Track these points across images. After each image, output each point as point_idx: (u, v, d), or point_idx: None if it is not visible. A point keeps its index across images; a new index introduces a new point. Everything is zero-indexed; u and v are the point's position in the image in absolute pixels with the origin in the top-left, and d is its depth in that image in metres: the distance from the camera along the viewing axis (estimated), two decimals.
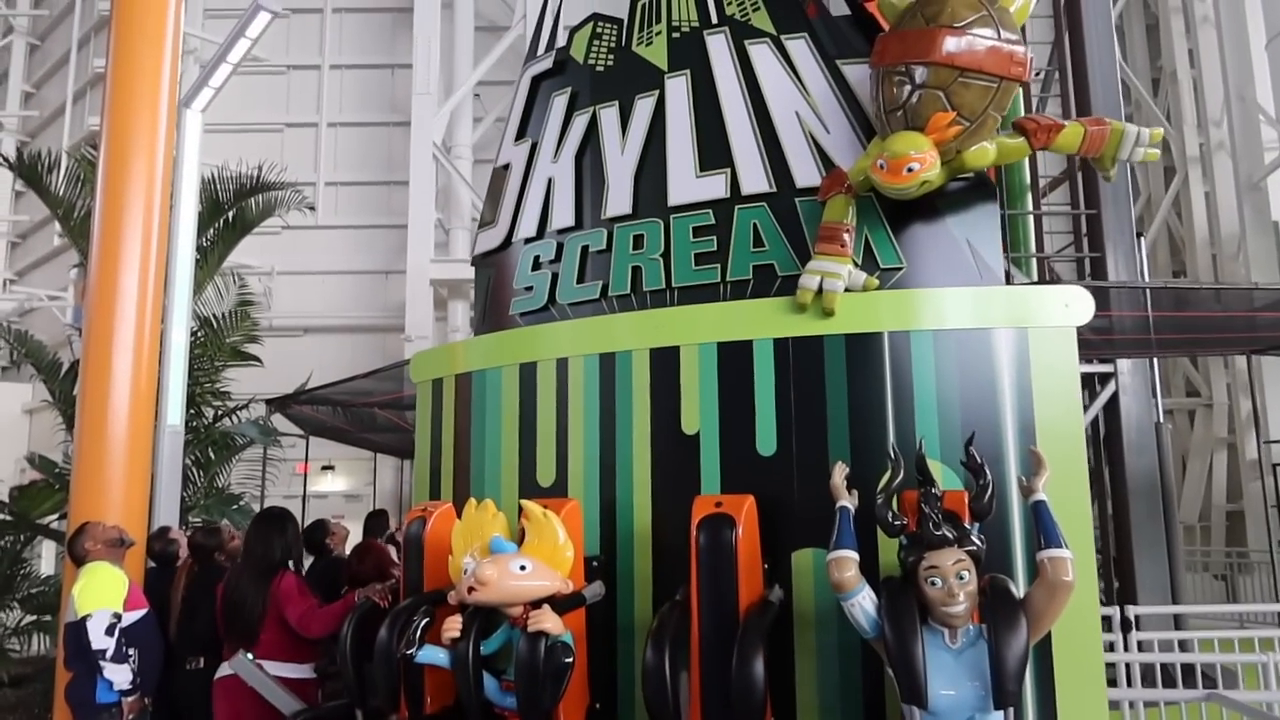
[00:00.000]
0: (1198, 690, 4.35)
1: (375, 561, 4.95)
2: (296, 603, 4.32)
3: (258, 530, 4.67)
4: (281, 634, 4.37)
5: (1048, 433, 3.47)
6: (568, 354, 4.06)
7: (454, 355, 4.64)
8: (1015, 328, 3.57)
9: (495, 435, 4.27)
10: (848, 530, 3.02)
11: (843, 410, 3.59)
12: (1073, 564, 2.83)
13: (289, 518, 4.78)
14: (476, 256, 4.89)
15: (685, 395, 3.78)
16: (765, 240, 3.92)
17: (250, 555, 4.59)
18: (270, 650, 4.39)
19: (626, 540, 3.80)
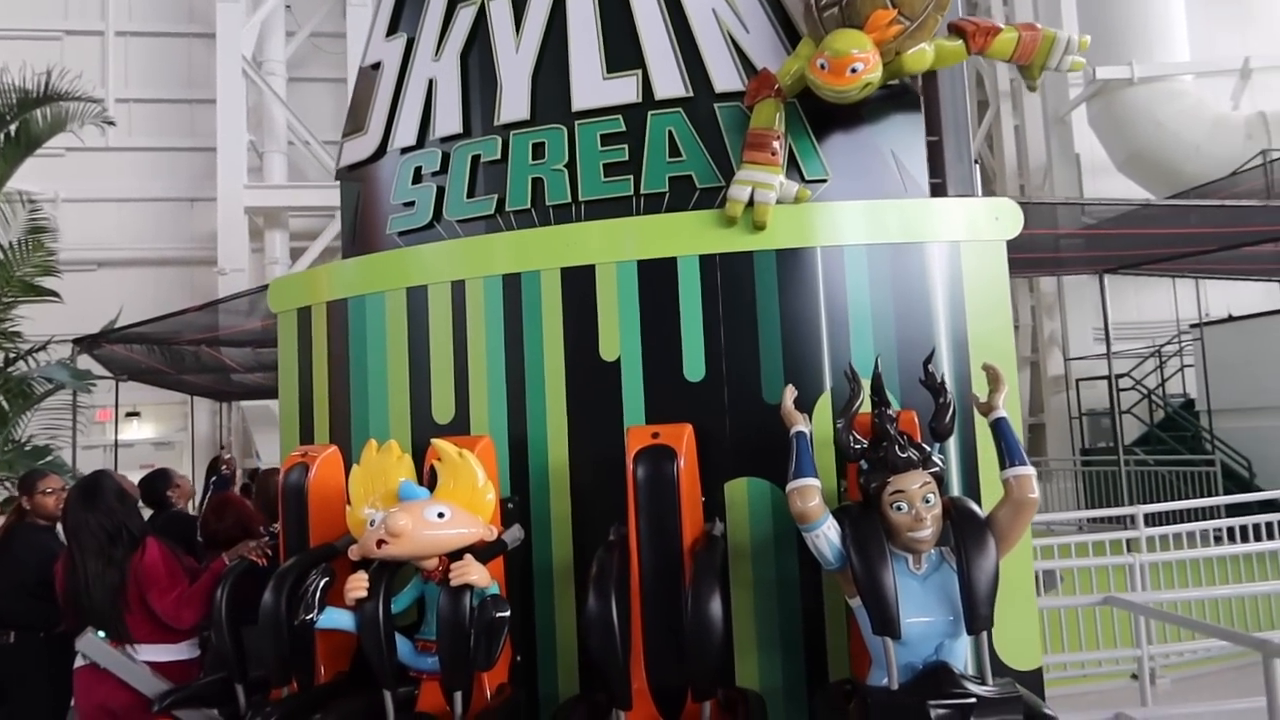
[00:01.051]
0: (1093, 595, 4.51)
1: (237, 517, 4.39)
2: (164, 588, 3.70)
3: (84, 504, 3.86)
4: (148, 615, 3.76)
5: (980, 348, 3.38)
6: (464, 276, 3.63)
7: (323, 280, 4.10)
8: (947, 241, 3.44)
9: (379, 369, 3.80)
10: (807, 457, 2.82)
11: (775, 330, 3.37)
12: (1036, 480, 2.75)
13: (111, 483, 3.98)
14: (342, 169, 4.33)
15: (603, 319, 3.45)
16: (682, 149, 3.61)
17: (83, 535, 3.82)
18: (139, 634, 3.77)
19: (541, 479, 3.47)
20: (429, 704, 3.06)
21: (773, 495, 3.32)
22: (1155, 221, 6.09)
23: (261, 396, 14.66)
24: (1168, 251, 7.59)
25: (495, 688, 3.07)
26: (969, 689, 2.54)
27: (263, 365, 11.39)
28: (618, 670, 2.77)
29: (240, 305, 8.37)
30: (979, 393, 2.96)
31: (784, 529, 3.31)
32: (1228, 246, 7.23)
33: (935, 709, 2.51)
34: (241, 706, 3.34)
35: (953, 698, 2.53)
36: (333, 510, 3.49)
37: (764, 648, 3.26)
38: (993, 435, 2.84)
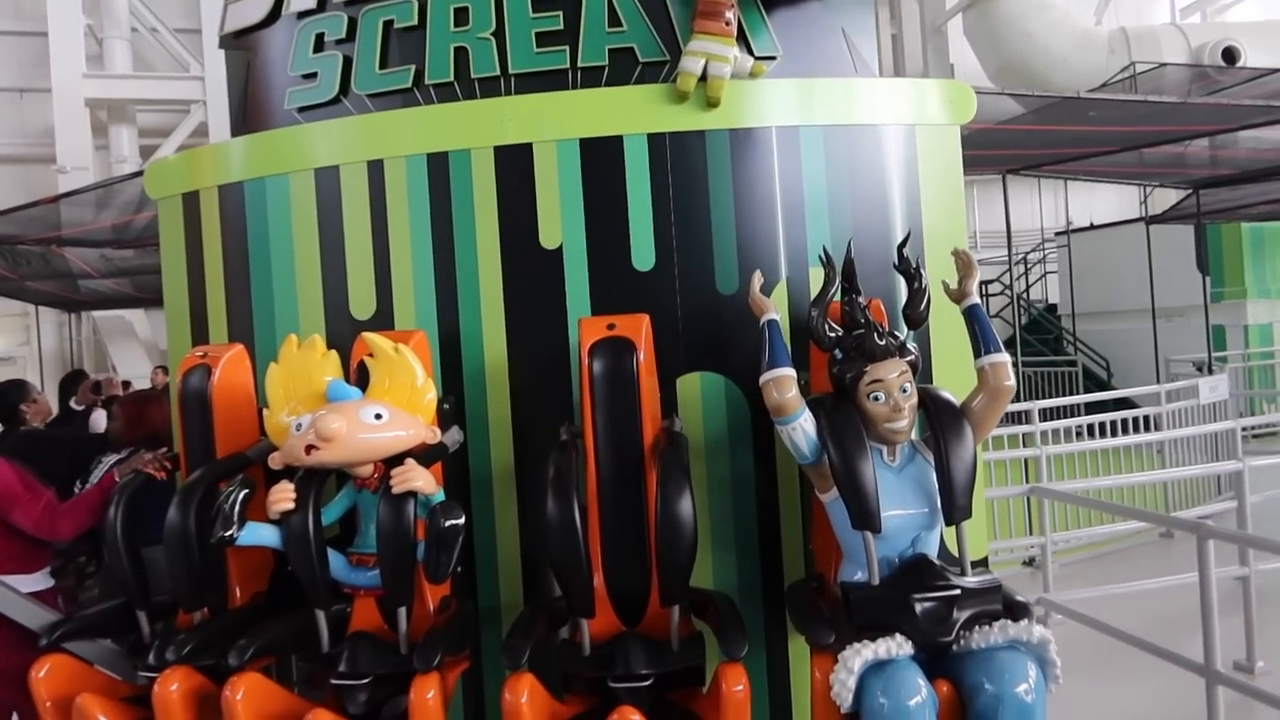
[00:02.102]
0: (1022, 485, 4.60)
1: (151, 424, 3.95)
2: (25, 501, 3.24)
3: None
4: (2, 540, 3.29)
5: (934, 237, 3.27)
6: (382, 155, 3.26)
7: (212, 162, 3.63)
8: (904, 125, 3.29)
9: (285, 261, 3.40)
10: (780, 345, 2.65)
11: (728, 215, 3.16)
12: (1011, 368, 2.67)
13: None
14: (227, 36, 3.81)
15: (543, 203, 3.16)
16: (623, 18, 3.30)
17: None
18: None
19: (476, 377, 3.20)
20: (364, 621, 2.81)
21: (727, 390, 3.16)
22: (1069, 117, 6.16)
23: (116, 306, 13.54)
24: (1075, 151, 7.75)
25: (439, 601, 2.84)
26: (951, 580, 2.47)
27: (118, 271, 10.45)
28: (581, 577, 2.58)
29: (87, 200, 7.56)
30: (949, 280, 2.84)
31: (739, 425, 3.17)
32: (1130, 147, 7.41)
33: (920, 602, 2.44)
34: (145, 634, 3.00)
35: (936, 590, 2.45)
36: (240, 416, 3.15)
37: (719, 547, 3.13)
38: (966, 323, 2.74)
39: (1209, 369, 10.09)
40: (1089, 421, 7.25)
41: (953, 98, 3.35)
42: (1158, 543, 7.10)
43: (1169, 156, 8.10)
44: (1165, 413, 7.51)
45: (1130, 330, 12.20)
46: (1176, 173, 9.38)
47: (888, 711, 2.29)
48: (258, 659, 2.71)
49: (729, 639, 2.48)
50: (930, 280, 2.85)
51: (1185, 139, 7.28)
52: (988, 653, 2.39)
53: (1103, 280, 13.02)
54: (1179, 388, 7.96)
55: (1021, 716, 2.27)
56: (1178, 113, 6.39)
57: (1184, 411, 7.62)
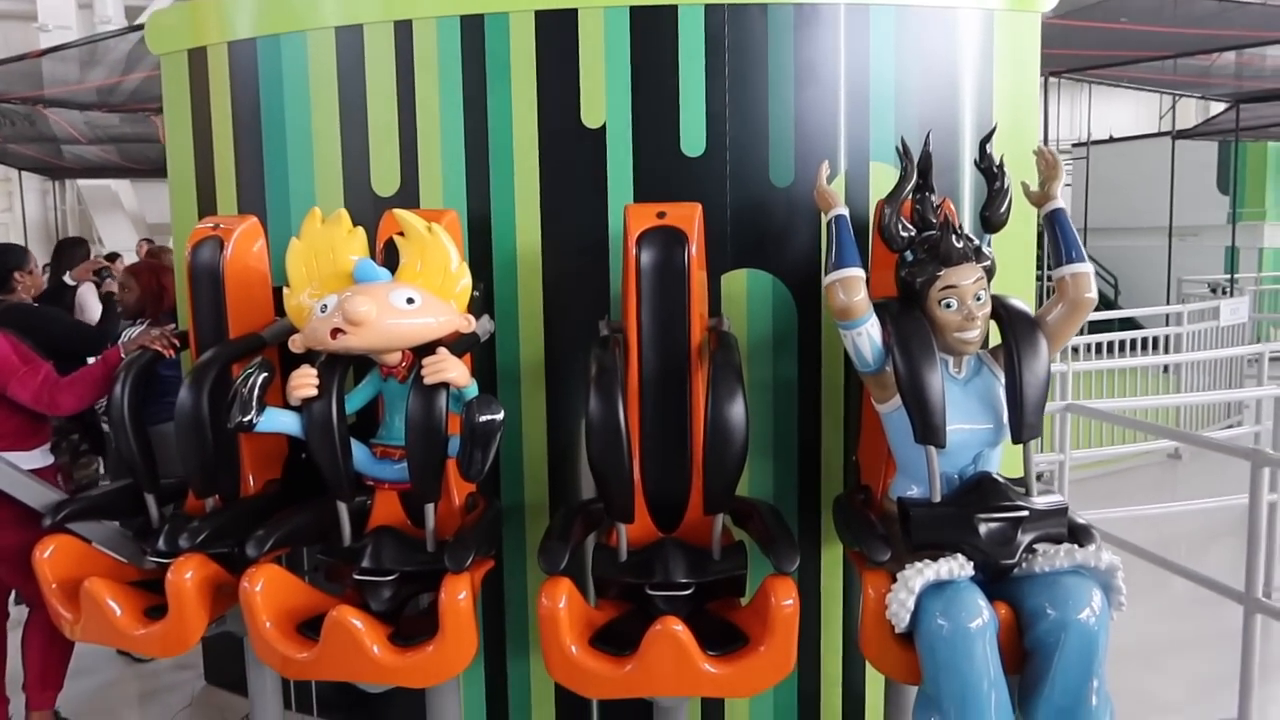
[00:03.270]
0: (1057, 402, 4.48)
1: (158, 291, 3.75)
2: (22, 373, 3.03)
3: None
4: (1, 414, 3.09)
5: (1008, 132, 3.03)
6: (411, 15, 2.97)
7: (222, 15, 3.32)
8: (981, 8, 3.02)
9: (302, 128, 3.14)
10: (850, 242, 2.44)
11: (788, 100, 2.91)
12: (1094, 279, 2.48)
13: None
14: None
15: (586, 77, 2.89)
16: None
17: None
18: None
19: (508, 263, 2.99)
20: (385, 515, 2.67)
21: (774, 290, 2.97)
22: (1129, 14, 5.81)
23: (102, 175, 13.07)
24: (1129, 55, 7.36)
25: (465, 498, 2.70)
26: (1017, 501, 2.34)
27: (105, 137, 10.01)
28: (623, 480, 2.42)
29: (73, 56, 7.13)
30: (1030, 182, 2.62)
31: (784, 327, 2.99)
32: (1187, 53, 7.05)
33: (984, 522, 2.30)
34: (154, 518, 2.86)
35: (1002, 510, 2.32)
36: (254, 294, 2.95)
37: (756, 454, 2.96)
38: (1046, 229, 2.53)
39: (1229, 291, 9.94)
40: (1109, 339, 7.10)
41: None
42: (1165, 463, 7.06)
43: (1218, 66, 7.74)
44: (1186, 333, 7.38)
45: (1142, 248, 11.99)
46: (1221, 83, 9.02)
47: (947, 633, 2.18)
48: (276, 550, 2.58)
49: (779, 552, 2.35)
50: (1025, 181, 2.63)
51: (1240, 46, 6.91)
52: (1052, 577, 2.27)
53: (1119, 195, 12.73)
54: (1200, 309, 7.81)
55: (1086, 643, 2.17)
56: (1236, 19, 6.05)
57: (1202, 333, 7.50)
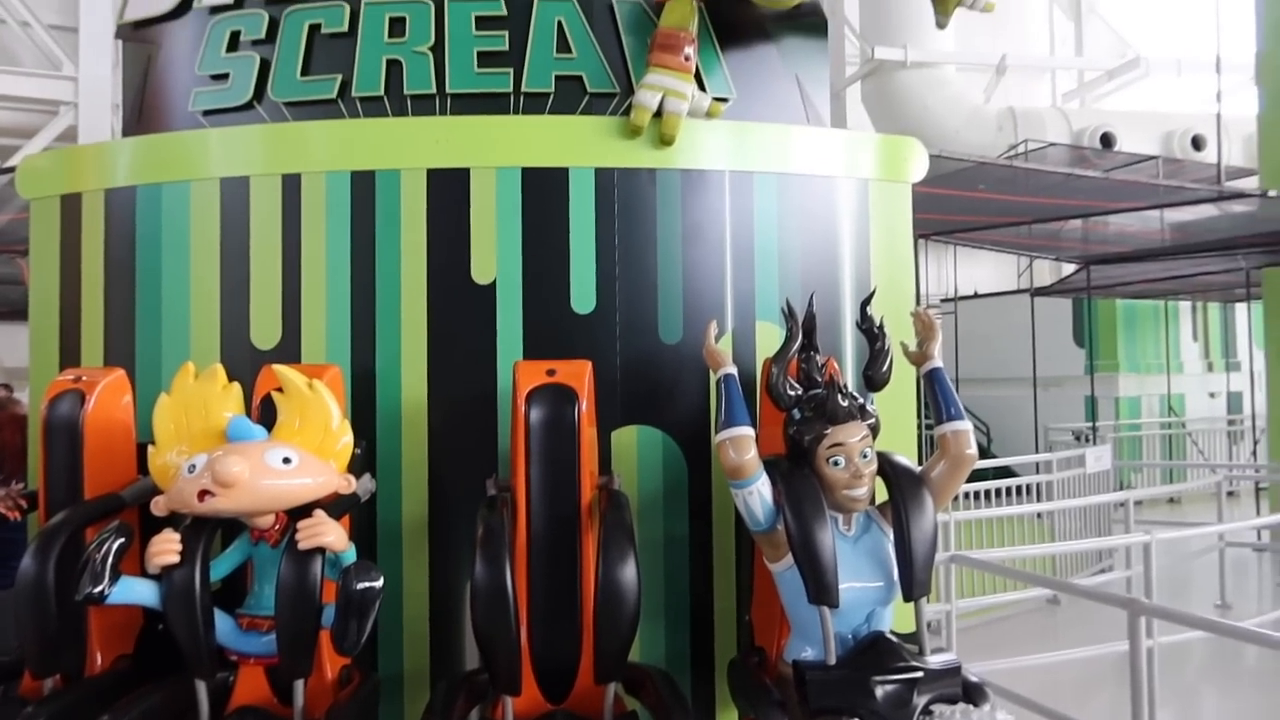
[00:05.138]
0: (942, 553, 4.53)
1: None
2: None
3: None
4: None
5: (885, 294, 3.15)
6: (302, 169, 2.95)
7: (99, 161, 3.25)
8: (857, 178, 3.19)
9: (179, 276, 3.04)
10: (740, 402, 2.46)
11: (676, 260, 2.98)
12: (973, 435, 2.55)
13: None
14: (126, 25, 3.44)
15: (477, 233, 2.91)
16: (573, 45, 3.11)
17: None
18: None
19: (392, 420, 2.90)
20: (250, 693, 2.46)
21: (664, 446, 2.96)
22: (985, 180, 6.28)
23: None
24: (988, 220, 7.93)
25: (338, 672, 2.51)
26: (912, 662, 2.31)
27: None
28: (509, 650, 2.31)
29: None
30: (908, 342, 2.72)
31: (675, 484, 2.97)
32: (1043, 220, 7.63)
33: (880, 685, 2.26)
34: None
35: (897, 671, 2.28)
36: (116, 451, 2.76)
37: (647, 617, 2.86)
38: (926, 387, 2.61)
39: (1091, 439, 10.47)
40: (987, 486, 7.34)
41: (907, 155, 3.28)
42: (1045, 609, 7.19)
43: (1068, 231, 8.41)
44: (1056, 481, 7.70)
45: (1011, 397, 12.61)
46: (1072, 246, 9.77)
47: None
48: None
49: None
50: (904, 341, 2.72)
51: (1087, 215, 7.57)
52: None
53: (986, 347, 13.45)
54: (1067, 456, 8.19)
55: None
56: (1080, 188, 6.63)
57: (1070, 480, 7.83)
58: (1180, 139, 15.67)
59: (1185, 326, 14.01)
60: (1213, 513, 8.32)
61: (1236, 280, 10.56)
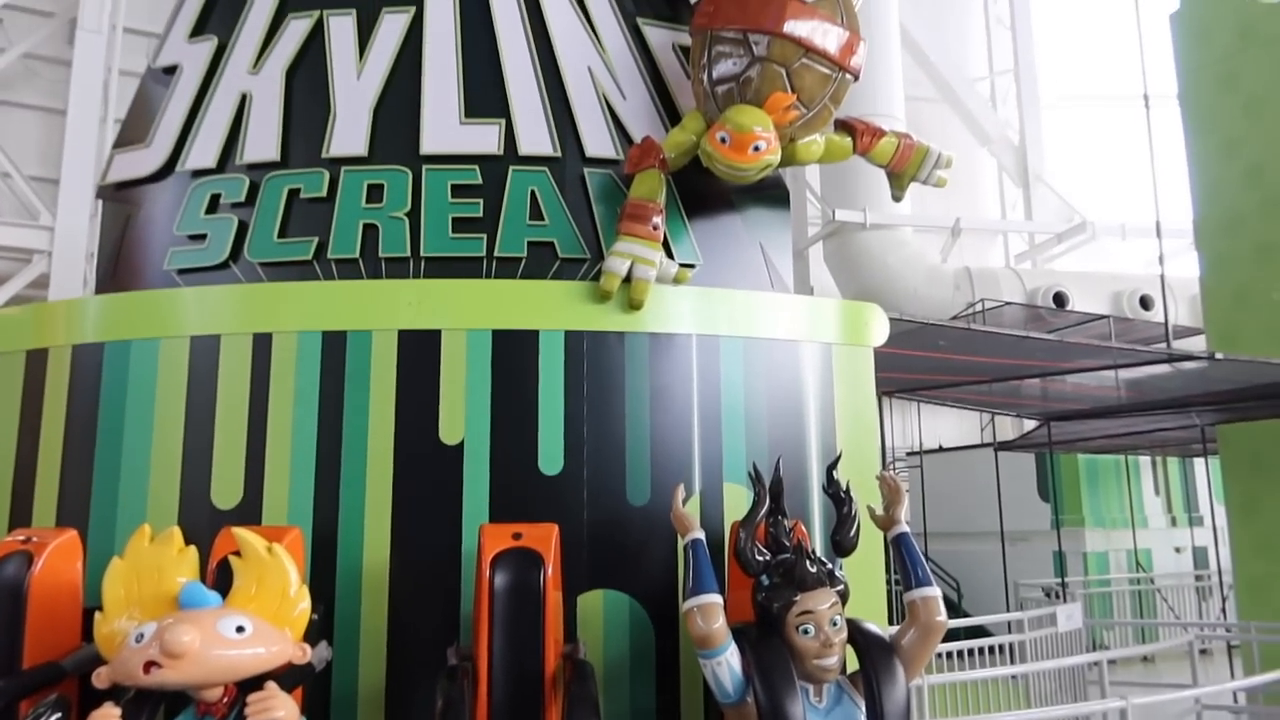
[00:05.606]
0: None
1: None
2: None
3: None
4: None
5: (850, 457, 3.18)
6: (273, 329, 2.98)
7: (66, 318, 3.25)
8: (820, 342, 3.27)
9: (141, 434, 3.00)
10: (707, 568, 2.43)
11: (644, 422, 3.00)
12: (943, 602, 2.53)
13: None
14: (107, 187, 3.52)
15: (446, 395, 2.92)
16: (545, 212, 3.22)
17: None
18: None
19: (352, 583, 2.83)
20: None
21: (631, 611, 2.89)
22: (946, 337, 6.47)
23: None
24: (949, 379, 8.13)
25: None
26: None
27: None
28: None
29: None
30: (874, 505, 2.73)
31: (642, 652, 2.89)
32: (1006, 378, 7.82)
33: None
34: None
35: None
36: (61, 617, 2.65)
37: None
38: (894, 553, 2.61)
39: (1061, 596, 10.39)
40: (959, 647, 7.22)
41: (868, 319, 3.37)
42: None
43: (1027, 388, 8.62)
44: (1028, 640, 7.59)
45: (979, 552, 12.56)
46: (1032, 403, 10.00)
47: None
48: None
49: None
50: (871, 505, 2.73)
51: (1044, 374, 7.78)
52: None
53: (953, 501, 13.49)
54: (1039, 614, 8.11)
55: None
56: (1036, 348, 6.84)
57: (1043, 640, 7.73)
58: (1129, 298, 16.29)
59: (1147, 481, 14.17)
60: (1187, 671, 8.21)
61: (1193, 436, 10.77)
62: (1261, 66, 8.90)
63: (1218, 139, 9.22)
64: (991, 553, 11.94)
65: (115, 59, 14.69)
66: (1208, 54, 9.33)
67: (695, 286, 3.18)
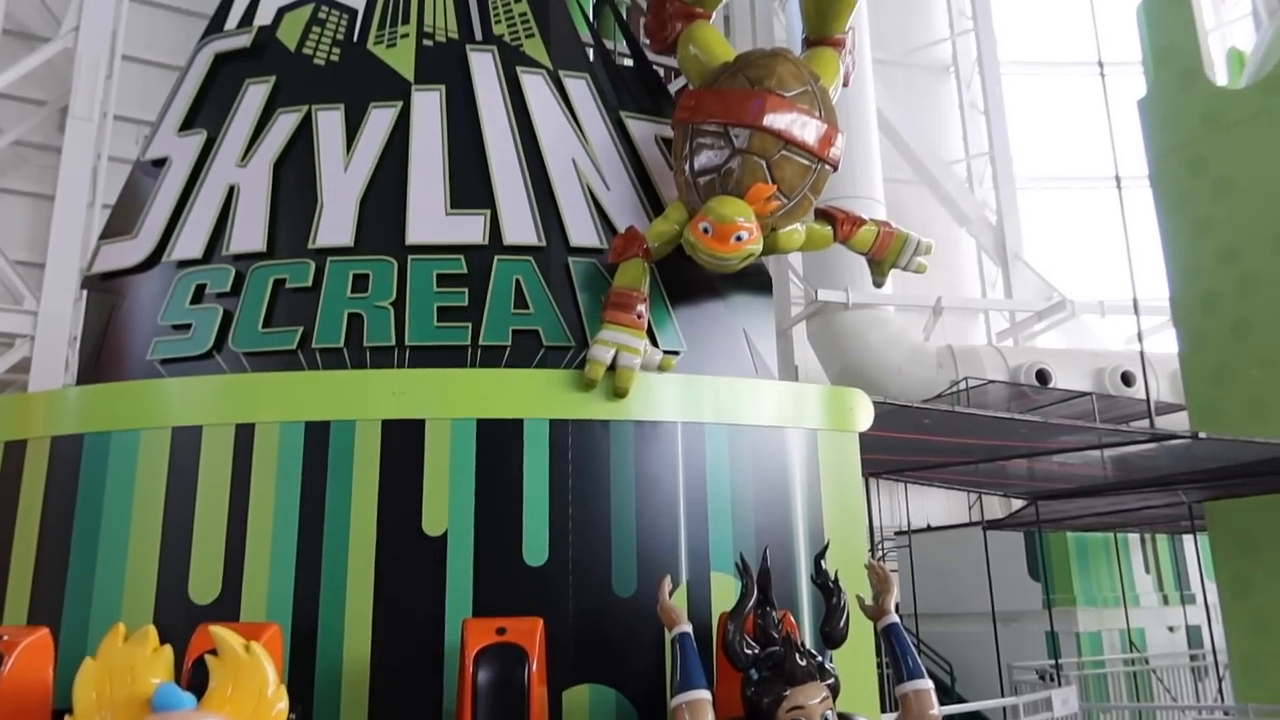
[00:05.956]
0: None
1: None
2: None
3: None
4: None
5: (838, 544, 3.15)
6: (256, 419, 2.96)
7: (46, 408, 3.23)
8: (805, 428, 3.27)
9: (119, 528, 2.95)
10: (695, 663, 2.39)
11: (629, 511, 2.97)
12: (934, 695, 2.48)
13: None
14: (93, 276, 3.53)
15: (430, 484, 2.90)
16: (529, 301, 3.24)
17: None
18: None
19: (332, 679, 2.76)
20: None
21: (618, 706, 2.83)
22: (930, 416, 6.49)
23: None
24: (935, 459, 8.14)
25: None
26: None
27: None
28: None
29: None
30: (863, 594, 2.69)
31: None
32: (991, 459, 7.83)
33: None
34: None
35: None
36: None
37: None
38: (884, 644, 2.57)
39: (1056, 678, 10.21)
40: None
41: (852, 405, 3.38)
42: None
43: (1014, 468, 8.61)
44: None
45: (971, 633, 12.38)
46: (1018, 483, 9.98)
47: None
48: None
49: None
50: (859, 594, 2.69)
51: (1029, 455, 7.80)
52: None
53: (943, 581, 13.34)
54: (1034, 699, 7.96)
55: None
56: (1020, 428, 6.87)
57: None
58: (1111, 375, 16.41)
59: (1137, 558, 14.07)
60: None
61: (1180, 514, 10.75)
62: (1228, 150, 9.14)
63: (1190, 219, 9.42)
64: (984, 634, 11.76)
65: (105, 145, 14.89)
66: (1176, 138, 9.59)
67: (680, 374, 3.19)
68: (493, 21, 3.57)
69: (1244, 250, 9.04)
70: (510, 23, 3.57)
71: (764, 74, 3.12)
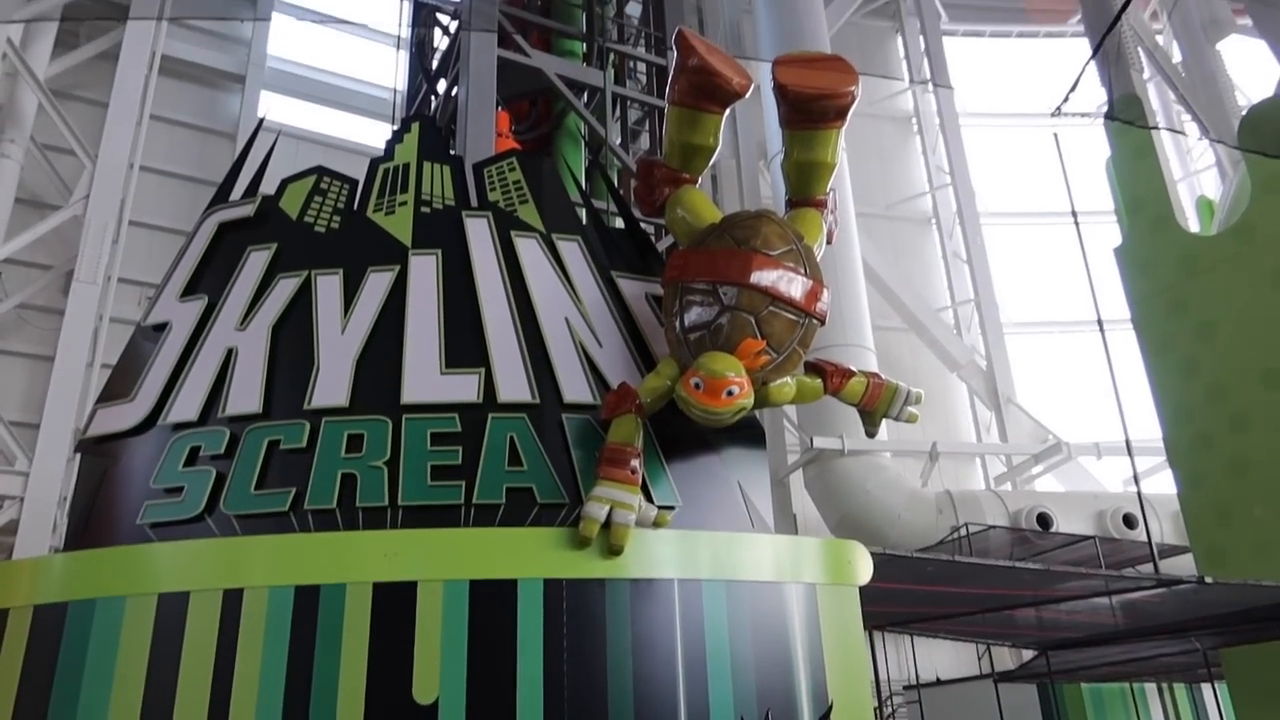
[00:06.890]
0: None
1: None
2: None
3: None
4: None
5: (841, 703, 3.06)
6: (243, 584, 2.91)
7: (30, 576, 3.17)
8: (804, 583, 3.21)
9: (99, 699, 2.85)
10: None
11: (626, 672, 2.89)
12: None
13: None
14: (88, 440, 3.54)
15: (421, 649, 2.82)
16: (523, 458, 3.25)
17: None
18: None
19: None
20: None
21: None
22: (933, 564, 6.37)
23: None
24: (940, 610, 7.96)
25: None
26: None
27: None
28: None
29: None
30: None
31: None
32: (998, 608, 7.64)
33: None
34: None
35: None
36: None
37: None
38: None
39: None
40: None
41: (851, 558, 3.34)
42: None
43: (1022, 617, 8.41)
44: None
45: None
46: (1027, 633, 9.72)
47: None
48: None
49: None
50: None
51: (1036, 604, 7.63)
52: None
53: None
54: None
55: None
56: (1025, 576, 6.75)
57: None
58: (1113, 517, 16.24)
59: (1156, 710, 13.53)
60: None
61: (1196, 661, 10.42)
62: (1207, 293, 9.34)
63: (1176, 360, 9.53)
64: None
65: (108, 307, 15.18)
66: (1154, 283, 9.82)
67: (675, 529, 3.16)
68: (488, 189, 3.72)
69: (1233, 389, 9.12)
70: (505, 190, 3.72)
71: (750, 234, 3.22)
